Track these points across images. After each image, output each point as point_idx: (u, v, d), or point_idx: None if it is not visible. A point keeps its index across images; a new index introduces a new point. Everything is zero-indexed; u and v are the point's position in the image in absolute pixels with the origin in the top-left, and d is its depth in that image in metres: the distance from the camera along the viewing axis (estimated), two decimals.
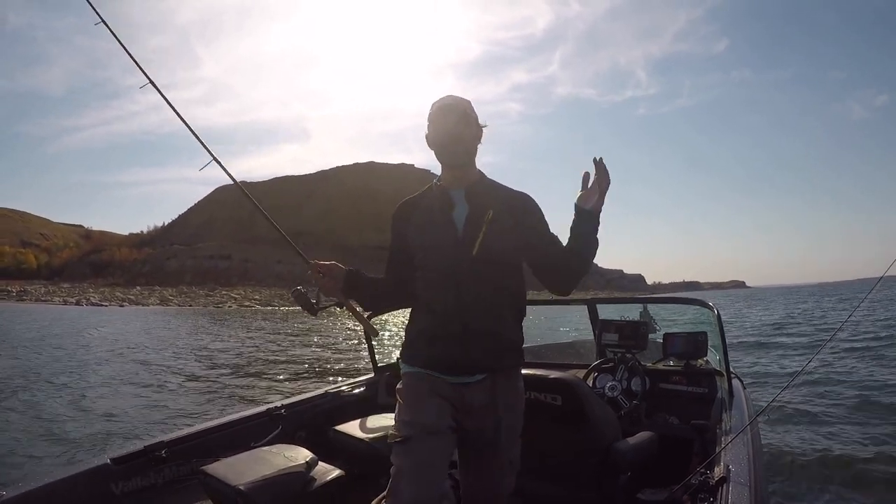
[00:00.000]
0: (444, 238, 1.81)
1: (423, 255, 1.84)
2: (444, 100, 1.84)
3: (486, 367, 1.79)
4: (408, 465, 1.69)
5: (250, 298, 78.52)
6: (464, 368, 1.78)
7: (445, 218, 1.82)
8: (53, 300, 67.84)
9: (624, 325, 3.27)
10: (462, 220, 1.80)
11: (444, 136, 1.81)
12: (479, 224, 1.78)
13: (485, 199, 1.82)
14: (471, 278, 1.75)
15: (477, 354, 1.77)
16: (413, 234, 1.87)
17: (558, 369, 2.69)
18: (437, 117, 1.82)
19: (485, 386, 1.80)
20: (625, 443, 2.32)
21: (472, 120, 1.83)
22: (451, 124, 1.80)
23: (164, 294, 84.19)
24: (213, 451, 2.58)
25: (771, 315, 26.94)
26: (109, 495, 2.34)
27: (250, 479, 2.08)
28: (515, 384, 1.88)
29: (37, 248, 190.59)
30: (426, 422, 1.74)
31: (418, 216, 1.88)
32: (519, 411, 1.89)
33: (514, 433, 1.87)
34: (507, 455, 1.85)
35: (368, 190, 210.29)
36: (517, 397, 1.89)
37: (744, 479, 1.94)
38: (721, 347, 3.12)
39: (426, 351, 1.82)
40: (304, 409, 3.26)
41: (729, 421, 2.63)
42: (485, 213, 1.78)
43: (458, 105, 1.82)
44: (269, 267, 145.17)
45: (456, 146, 1.81)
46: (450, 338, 1.76)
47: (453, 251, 1.78)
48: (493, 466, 1.85)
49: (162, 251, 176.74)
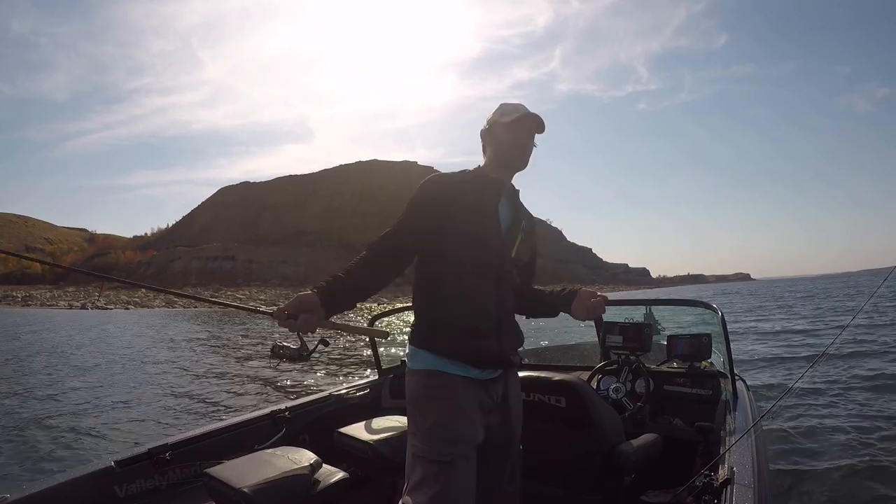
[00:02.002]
0: (486, 230, 1.79)
1: (460, 243, 1.74)
2: (532, 115, 1.85)
3: (509, 363, 1.86)
4: (457, 491, 1.61)
5: (255, 299, 78.66)
6: (496, 363, 1.81)
7: (491, 210, 1.82)
8: (59, 304, 68.13)
9: (628, 326, 3.27)
10: (506, 219, 1.86)
11: (522, 150, 1.87)
12: (517, 228, 1.88)
13: (520, 207, 1.93)
14: (507, 276, 1.83)
15: (506, 350, 1.83)
16: (448, 215, 1.74)
17: (562, 371, 2.69)
18: (524, 128, 1.85)
19: (502, 381, 1.86)
20: (629, 445, 2.31)
21: None
22: (533, 139, 1.88)
23: (168, 296, 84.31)
24: (217, 454, 2.58)
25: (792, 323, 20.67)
26: (113, 498, 2.34)
27: (254, 481, 2.08)
28: (517, 379, 1.98)
29: (41, 253, 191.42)
30: (471, 438, 1.70)
31: (464, 201, 1.77)
32: (521, 405, 1.98)
33: (520, 424, 1.95)
34: (518, 451, 1.91)
35: (372, 188, 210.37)
36: (519, 392, 1.98)
37: (748, 481, 1.93)
38: (725, 349, 3.11)
39: (464, 342, 1.73)
40: (308, 412, 3.27)
41: (733, 423, 2.62)
42: (521, 220, 1.90)
43: (540, 123, 1.87)
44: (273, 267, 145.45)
45: (528, 154, 1.90)
46: (488, 331, 1.77)
47: (498, 246, 1.81)
48: (504, 463, 1.88)
49: (166, 253, 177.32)
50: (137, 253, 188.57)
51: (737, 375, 3.16)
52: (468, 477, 1.66)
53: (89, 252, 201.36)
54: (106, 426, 6.78)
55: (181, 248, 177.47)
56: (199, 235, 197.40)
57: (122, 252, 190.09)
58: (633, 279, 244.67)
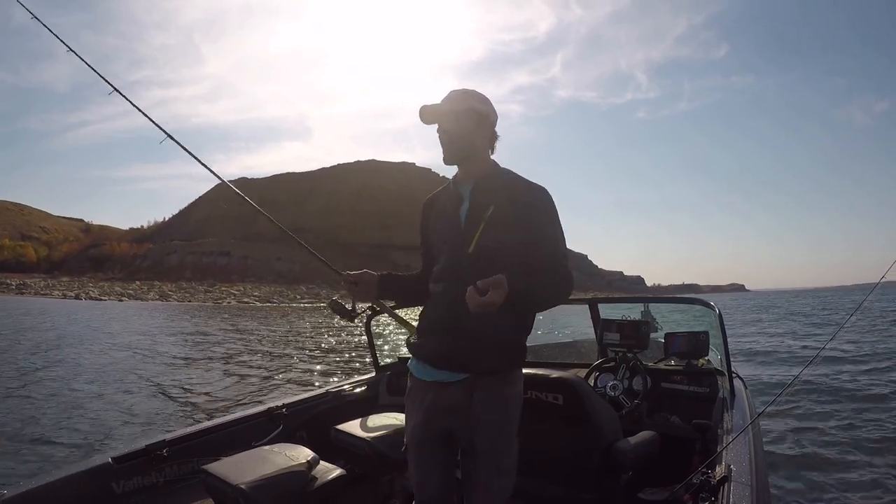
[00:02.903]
0: (449, 233, 1.84)
1: (436, 251, 1.90)
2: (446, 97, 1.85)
3: (469, 367, 1.75)
4: (418, 480, 1.87)
5: (250, 295, 78.65)
6: (449, 364, 1.77)
7: (453, 213, 1.85)
8: (53, 294, 67.93)
9: (625, 324, 3.27)
10: (466, 215, 1.81)
11: (439, 134, 1.83)
12: (479, 220, 1.77)
13: (489, 194, 1.79)
14: (469, 275, 1.65)
15: (463, 352, 1.74)
16: (430, 229, 1.95)
17: (560, 368, 2.69)
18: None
19: (465, 385, 1.76)
20: (626, 442, 2.31)
21: (464, 114, 1.80)
22: (442, 122, 1.82)
23: (163, 289, 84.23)
24: (215, 451, 2.58)
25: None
26: (110, 494, 2.34)
27: (251, 478, 2.07)
28: (502, 388, 1.79)
29: (37, 242, 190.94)
30: (412, 437, 1.88)
31: (435, 211, 1.95)
32: (506, 416, 1.79)
33: (496, 438, 1.77)
34: (491, 460, 1.76)
35: (370, 188, 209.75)
36: (504, 400, 1.79)
37: (745, 479, 1.93)
38: (722, 347, 3.12)
39: (423, 342, 1.87)
40: (306, 409, 3.26)
41: (730, 420, 2.62)
42: (485, 209, 1.76)
43: (447, 102, 1.82)
44: (268, 264, 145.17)
45: (450, 143, 1.82)
46: (442, 332, 1.78)
47: (455, 247, 1.80)
48: (477, 470, 1.78)
49: (162, 246, 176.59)
50: (133, 245, 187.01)
51: (734, 373, 3.16)
52: (421, 470, 1.87)
53: (85, 242, 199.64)
54: (102, 422, 6.76)
55: (177, 242, 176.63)
56: (196, 230, 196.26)
57: (117, 244, 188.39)
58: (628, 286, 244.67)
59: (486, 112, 1.83)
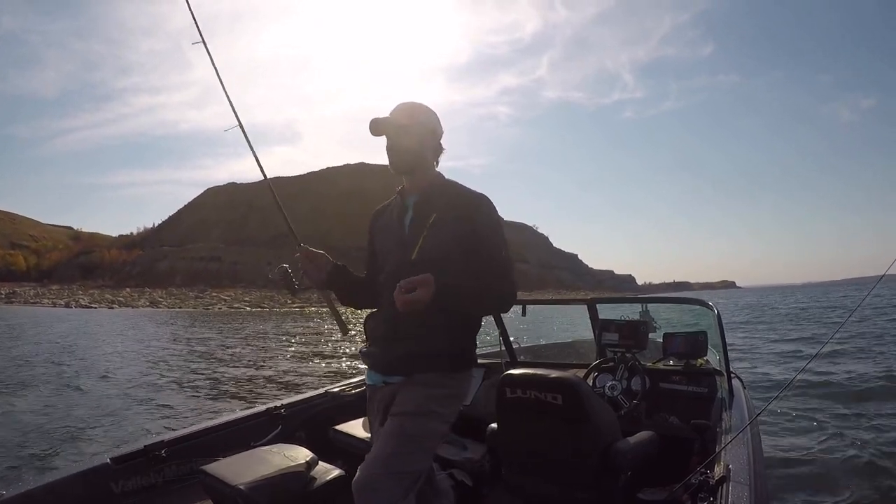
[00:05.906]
0: (392, 243, 1.90)
1: (381, 260, 1.95)
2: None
3: (402, 370, 1.82)
4: None
5: (240, 300, 78.07)
6: (389, 369, 1.85)
7: (398, 223, 1.90)
8: (42, 302, 67.27)
9: (624, 324, 3.27)
10: (408, 225, 1.87)
11: (387, 147, 1.87)
12: (421, 229, 1.82)
13: (433, 204, 1.85)
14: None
15: (399, 357, 1.82)
16: (375, 239, 2.01)
17: (558, 369, 2.69)
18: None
19: (398, 386, 1.82)
20: (625, 442, 2.31)
21: (414, 127, 1.84)
22: (391, 135, 1.85)
23: (153, 296, 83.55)
24: (213, 451, 2.57)
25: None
26: (109, 494, 2.33)
27: (250, 478, 2.07)
28: (426, 390, 1.77)
29: (26, 250, 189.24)
30: (375, 435, 1.92)
31: (381, 222, 2.01)
32: (419, 420, 1.75)
33: (396, 438, 1.73)
34: (381, 452, 1.72)
35: (359, 190, 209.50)
36: (426, 402, 1.76)
37: (744, 479, 1.94)
38: (721, 347, 3.13)
39: (369, 350, 1.96)
40: (304, 409, 3.26)
41: (729, 420, 2.63)
42: (428, 218, 1.82)
43: (397, 116, 1.85)
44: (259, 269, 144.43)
45: (398, 156, 1.86)
46: (382, 338, 1.87)
47: (398, 255, 1.85)
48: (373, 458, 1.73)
49: (152, 253, 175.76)
50: (123, 252, 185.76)
51: (733, 373, 3.17)
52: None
53: (74, 250, 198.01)
54: (101, 423, 6.73)
55: (167, 249, 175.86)
56: (186, 236, 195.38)
57: (107, 251, 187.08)
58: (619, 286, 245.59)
59: (433, 127, 1.90)
